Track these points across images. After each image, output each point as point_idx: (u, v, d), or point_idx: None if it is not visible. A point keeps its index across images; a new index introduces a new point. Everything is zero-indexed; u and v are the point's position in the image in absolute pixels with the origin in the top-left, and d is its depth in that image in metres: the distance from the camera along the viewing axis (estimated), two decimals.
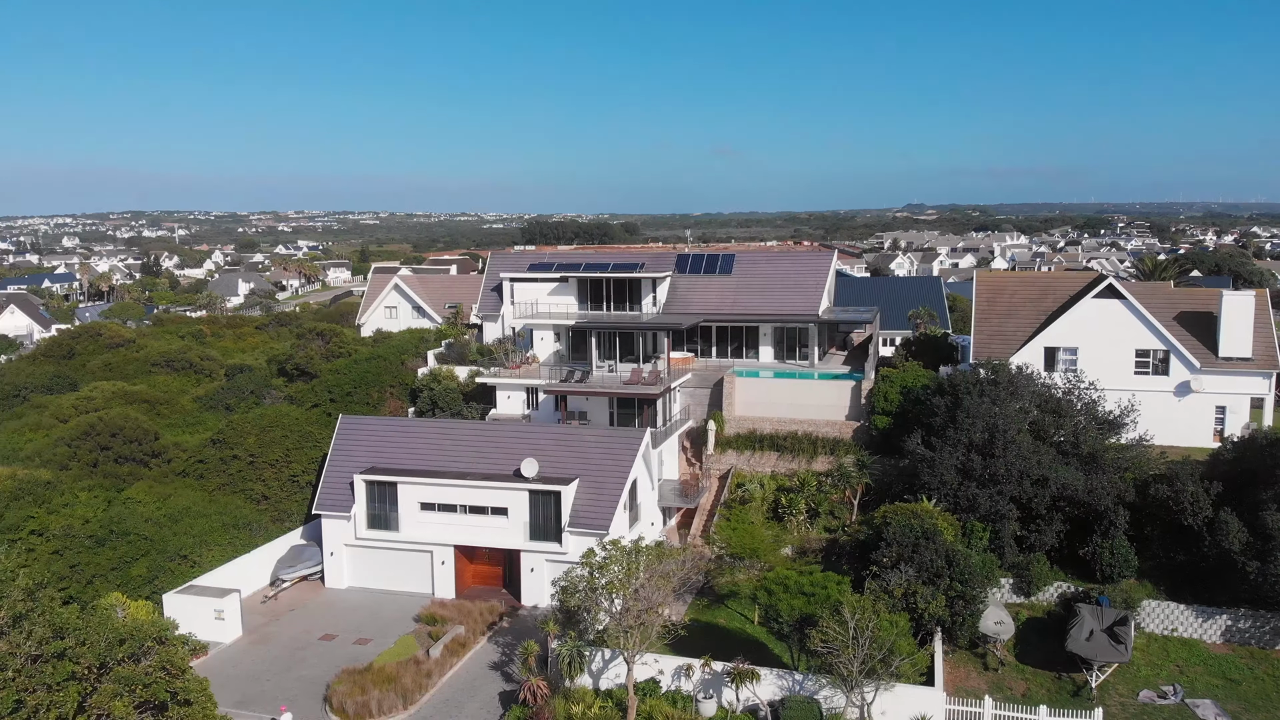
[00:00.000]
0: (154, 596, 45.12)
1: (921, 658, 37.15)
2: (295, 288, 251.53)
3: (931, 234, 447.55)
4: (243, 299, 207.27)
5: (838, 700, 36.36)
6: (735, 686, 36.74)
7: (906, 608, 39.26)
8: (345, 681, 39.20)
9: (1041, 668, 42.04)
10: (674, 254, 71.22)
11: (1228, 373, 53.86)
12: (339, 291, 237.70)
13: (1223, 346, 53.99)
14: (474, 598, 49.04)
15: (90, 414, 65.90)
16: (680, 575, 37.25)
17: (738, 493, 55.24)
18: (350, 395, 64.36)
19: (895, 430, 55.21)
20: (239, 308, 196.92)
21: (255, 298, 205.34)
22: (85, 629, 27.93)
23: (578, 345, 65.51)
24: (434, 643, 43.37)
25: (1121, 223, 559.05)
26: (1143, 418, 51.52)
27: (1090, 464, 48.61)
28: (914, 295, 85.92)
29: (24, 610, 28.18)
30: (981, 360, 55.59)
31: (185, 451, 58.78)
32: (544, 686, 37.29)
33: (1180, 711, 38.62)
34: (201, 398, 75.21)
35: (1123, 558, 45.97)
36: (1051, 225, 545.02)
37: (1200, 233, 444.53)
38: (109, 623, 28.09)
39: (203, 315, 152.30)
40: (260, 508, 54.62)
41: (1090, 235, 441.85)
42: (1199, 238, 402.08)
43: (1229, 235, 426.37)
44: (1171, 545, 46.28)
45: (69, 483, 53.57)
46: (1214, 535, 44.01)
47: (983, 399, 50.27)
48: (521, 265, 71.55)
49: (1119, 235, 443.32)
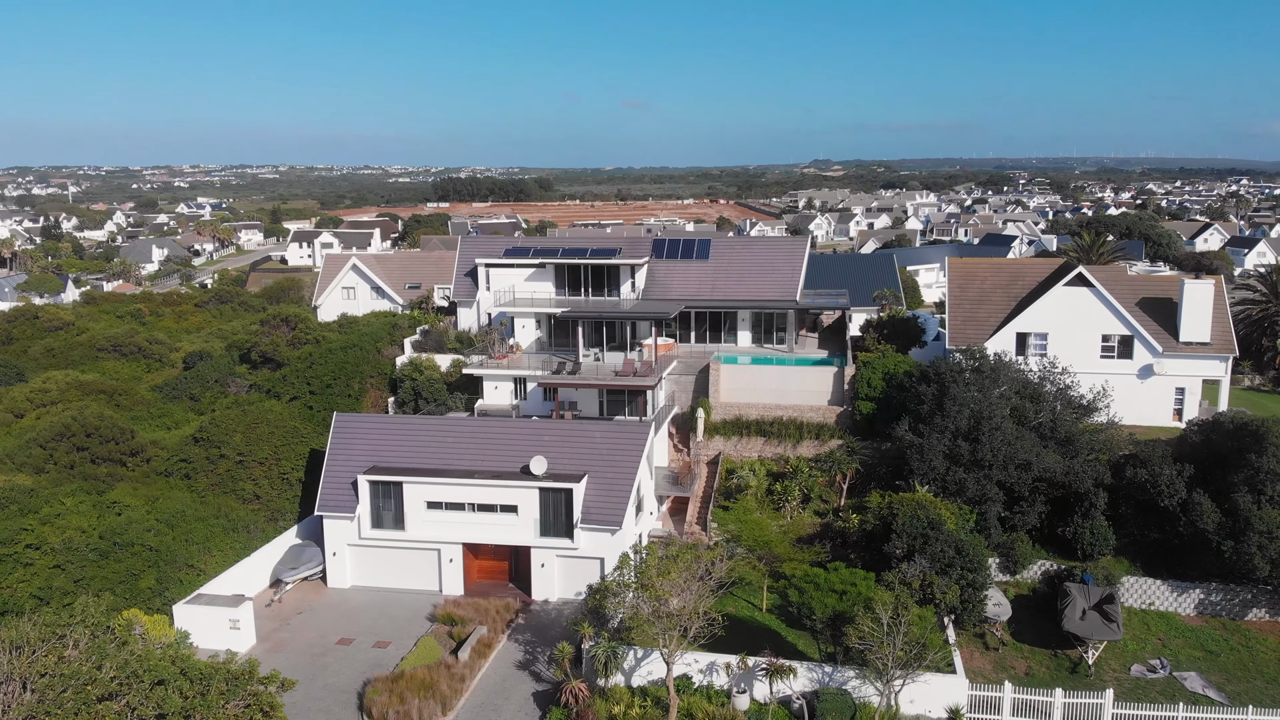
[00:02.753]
0: (164, 609, 44.42)
1: (941, 644, 39.34)
2: (209, 252, 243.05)
3: (843, 192, 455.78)
4: (158, 265, 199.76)
5: (865, 690, 38.34)
6: (770, 681, 38.35)
7: (924, 598, 41.38)
8: (381, 690, 39.47)
9: (1037, 646, 44.85)
10: (649, 239, 71.65)
11: (1188, 356, 57.34)
12: (256, 256, 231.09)
13: (1184, 331, 57.37)
14: (482, 593, 49.54)
15: (53, 408, 63.73)
16: (717, 576, 38.46)
17: (731, 480, 56.70)
18: (330, 387, 63.54)
19: (879, 415, 57.32)
20: (155, 276, 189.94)
21: (172, 265, 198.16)
22: (160, 667, 27.70)
23: (558, 332, 65.82)
24: (455, 643, 43.91)
25: (1023, 179, 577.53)
26: (1109, 400, 54.67)
27: (1067, 446, 51.49)
28: (870, 272, 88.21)
29: (94, 650, 27.84)
30: (958, 347, 58.02)
31: (165, 450, 57.40)
32: (584, 689, 38.29)
33: (1170, 684, 41.82)
34: (161, 387, 73.14)
35: (1102, 537, 49.04)
36: (955, 182, 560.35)
37: (1098, 189, 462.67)
38: (190, 660, 27.92)
39: (138, 293, 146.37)
40: (253, 508, 53.90)
41: (994, 193, 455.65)
42: (1098, 195, 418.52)
43: (1125, 192, 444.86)
44: (1147, 524, 49.50)
45: (48, 487, 51.96)
46: (1189, 516, 47.26)
47: (969, 387, 52.66)
48: (496, 250, 71.14)
49: (1021, 193, 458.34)
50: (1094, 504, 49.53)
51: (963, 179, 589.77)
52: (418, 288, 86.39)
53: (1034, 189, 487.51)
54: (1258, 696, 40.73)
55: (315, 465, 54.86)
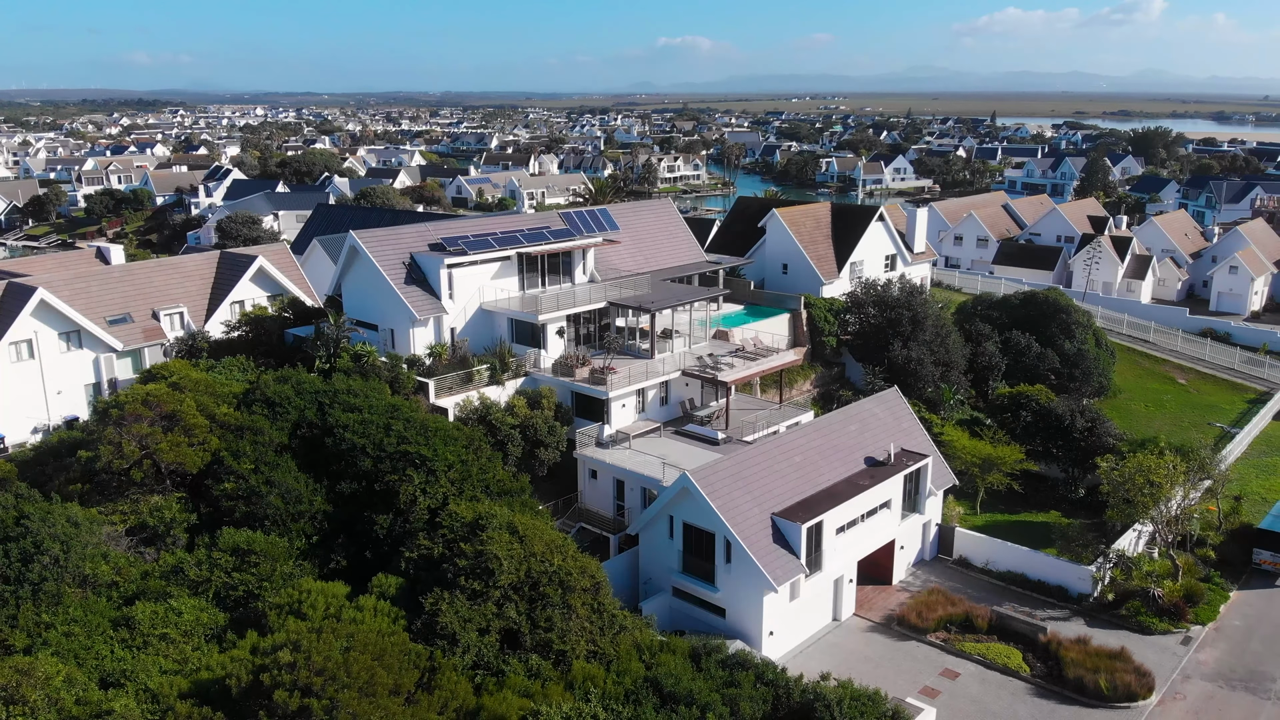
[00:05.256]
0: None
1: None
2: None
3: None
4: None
5: None
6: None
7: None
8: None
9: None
10: (569, 213, 62.57)
11: (917, 264, 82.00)
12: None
13: (915, 246, 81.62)
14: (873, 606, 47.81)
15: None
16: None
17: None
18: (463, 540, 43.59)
19: (849, 344, 68.52)
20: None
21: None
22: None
23: (519, 334, 55.41)
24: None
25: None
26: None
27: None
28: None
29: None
30: (825, 277, 71.99)
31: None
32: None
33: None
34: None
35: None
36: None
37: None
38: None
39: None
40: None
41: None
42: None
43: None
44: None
45: None
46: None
47: (926, 309, 68.49)
48: (417, 245, 53.99)
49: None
50: (998, 366, 71.87)
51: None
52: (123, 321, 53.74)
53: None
54: None
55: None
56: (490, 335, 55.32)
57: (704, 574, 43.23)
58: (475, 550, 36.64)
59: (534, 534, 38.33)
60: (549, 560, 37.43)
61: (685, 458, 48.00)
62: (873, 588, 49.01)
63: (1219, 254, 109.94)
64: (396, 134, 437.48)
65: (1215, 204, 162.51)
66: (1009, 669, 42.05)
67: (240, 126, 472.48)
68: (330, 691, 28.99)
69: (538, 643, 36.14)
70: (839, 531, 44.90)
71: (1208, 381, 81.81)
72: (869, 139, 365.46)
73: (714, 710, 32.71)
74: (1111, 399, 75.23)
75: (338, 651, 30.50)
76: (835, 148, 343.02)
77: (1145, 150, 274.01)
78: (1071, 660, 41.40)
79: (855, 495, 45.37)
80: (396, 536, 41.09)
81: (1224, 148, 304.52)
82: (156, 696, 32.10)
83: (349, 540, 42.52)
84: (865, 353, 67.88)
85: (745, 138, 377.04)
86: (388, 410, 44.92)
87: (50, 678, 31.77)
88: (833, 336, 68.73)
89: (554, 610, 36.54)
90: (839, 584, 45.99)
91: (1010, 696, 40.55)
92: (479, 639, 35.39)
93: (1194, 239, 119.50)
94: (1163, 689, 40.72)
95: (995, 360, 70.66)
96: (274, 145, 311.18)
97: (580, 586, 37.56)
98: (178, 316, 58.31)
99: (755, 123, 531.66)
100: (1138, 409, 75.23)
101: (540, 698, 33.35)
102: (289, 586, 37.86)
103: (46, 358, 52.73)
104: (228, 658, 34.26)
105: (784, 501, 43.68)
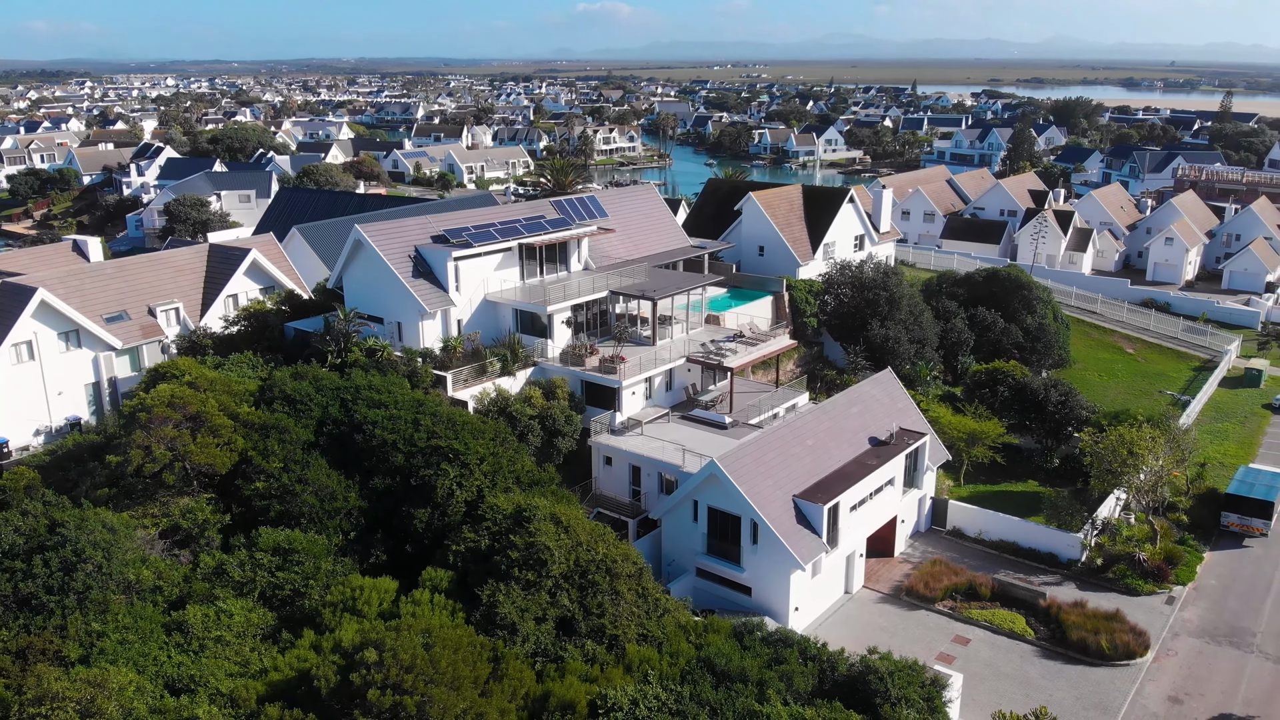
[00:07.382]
0: None
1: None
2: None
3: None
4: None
5: None
6: None
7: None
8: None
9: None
10: (560, 201, 63.19)
11: (883, 243, 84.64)
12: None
13: (881, 226, 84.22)
14: (879, 578, 50.45)
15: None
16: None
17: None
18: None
19: (828, 324, 70.79)
20: None
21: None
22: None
23: (524, 325, 56.52)
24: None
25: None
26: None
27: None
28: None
29: None
30: (801, 259, 74.25)
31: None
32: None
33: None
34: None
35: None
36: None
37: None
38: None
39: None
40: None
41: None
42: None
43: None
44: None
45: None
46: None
47: (901, 289, 71.17)
48: (418, 237, 54.36)
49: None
50: (965, 341, 75.13)
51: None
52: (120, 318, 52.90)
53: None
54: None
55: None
56: (494, 326, 56.09)
57: (729, 555, 45.19)
58: (526, 542, 37.86)
59: (576, 524, 39.79)
60: (594, 549, 38.95)
61: (699, 443, 49.74)
62: (876, 560, 51.60)
63: (1154, 225, 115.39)
64: (318, 104, 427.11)
65: (1139, 173, 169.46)
66: (1015, 633, 45.06)
67: (153, 98, 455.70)
68: (421, 687, 30.11)
69: (591, 629, 37.70)
70: (852, 510, 47.24)
71: (1154, 350, 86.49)
72: (797, 109, 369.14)
73: (772, 686, 34.72)
74: (1068, 370, 79.20)
75: (420, 647, 31.58)
76: (765, 118, 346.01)
77: (1067, 120, 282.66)
78: (1072, 623, 44.54)
79: (866, 475, 47.71)
80: (437, 530, 42.01)
81: (1139, 116, 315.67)
82: (234, 700, 32.78)
83: (386, 535, 43.31)
84: (844, 333, 70.39)
85: (675, 108, 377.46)
86: (414, 405, 45.71)
87: (123, 688, 32.24)
88: (814, 317, 70.99)
89: (604, 596, 38.11)
90: (851, 559, 48.45)
91: (1019, 659, 43.54)
92: (536, 628, 36.79)
93: (1129, 211, 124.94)
94: (1155, 647, 44.13)
95: (964, 336, 73.95)
96: (193, 119, 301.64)
97: (625, 573, 39.21)
98: (173, 312, 57.73)
99: (682, 91, 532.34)
100: (1093, 379, 79.28)
101: (603, 681, 34.97)
102: (339, 584, 38.70)
103: (46, 358, 51.91)
104: (294, 657, 35.13)
105: (802, 484, 45.80)
